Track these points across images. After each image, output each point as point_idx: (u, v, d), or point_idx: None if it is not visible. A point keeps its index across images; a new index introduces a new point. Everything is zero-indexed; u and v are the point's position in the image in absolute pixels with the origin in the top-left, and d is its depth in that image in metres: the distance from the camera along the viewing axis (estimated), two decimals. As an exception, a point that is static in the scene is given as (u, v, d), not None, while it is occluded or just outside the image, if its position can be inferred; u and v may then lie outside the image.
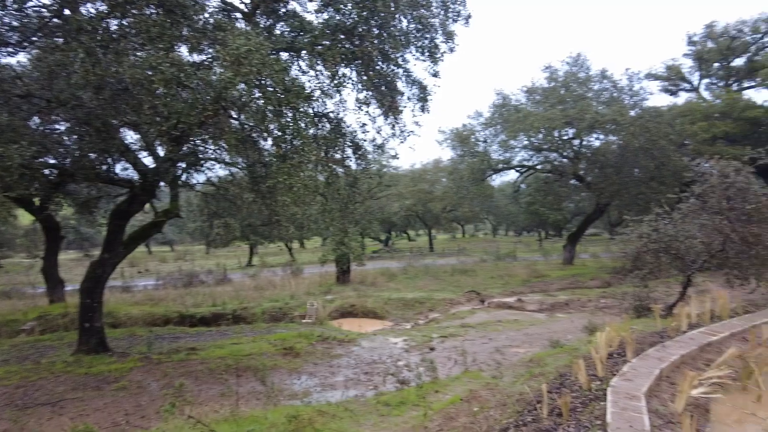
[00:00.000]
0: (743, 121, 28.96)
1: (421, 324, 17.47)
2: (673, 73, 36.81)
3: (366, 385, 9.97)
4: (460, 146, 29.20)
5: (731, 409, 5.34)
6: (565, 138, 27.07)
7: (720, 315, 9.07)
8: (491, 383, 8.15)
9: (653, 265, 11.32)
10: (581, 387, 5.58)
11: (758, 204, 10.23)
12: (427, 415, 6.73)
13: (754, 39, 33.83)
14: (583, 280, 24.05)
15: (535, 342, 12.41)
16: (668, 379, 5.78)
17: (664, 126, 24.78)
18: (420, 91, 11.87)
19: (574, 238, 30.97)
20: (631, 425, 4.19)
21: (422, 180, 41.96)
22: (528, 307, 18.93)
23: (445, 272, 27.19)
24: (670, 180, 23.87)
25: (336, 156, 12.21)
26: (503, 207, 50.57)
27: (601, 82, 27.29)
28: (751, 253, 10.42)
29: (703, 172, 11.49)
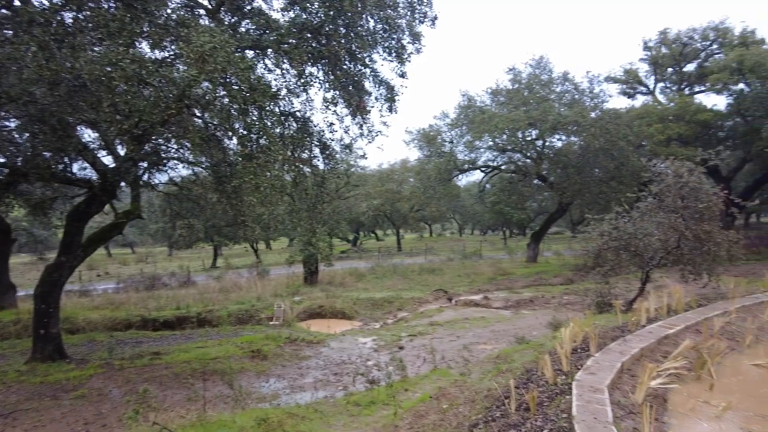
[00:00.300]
0: (695, 123, 30.34)
1: (389, 323, 17.52)
2: (631, 77, 38.20)
3: (335, 385, 9.92)
4: (427, 146, 29.46)
5: (687, 398, 5.59)
6: (528, 139, 27.64)
7: (676, 309, 9.47)
8: (460, 380, 8.26)
9: (614, 262, 11.69)
10: (547, 382, 5.72)
11: (709, 203, 10.72)
12: (397, 414, 6.76)
13: (703, 46, 35.48)
14: (546, 278, 24.62)
15: (501, 338, 12.63)
16: (629, 371, 6.00)
17: (622, 128, 25.66)
18: (387, 92, 11.90)
19: (537, 236, 31.69)
20: (595, 417, 4.33)
21: (390, 180, 42.12)
22: (494, 304, 19.25)
23: (413, 271, 27.36)
24: (629, 180, 24.75)
25: (303, 155, 12.11)
26: (469, 206, 51.36)
27: (563, 85, 28.03)
28: (703, 249, 10.91)
29: (659, 173, 11.94)
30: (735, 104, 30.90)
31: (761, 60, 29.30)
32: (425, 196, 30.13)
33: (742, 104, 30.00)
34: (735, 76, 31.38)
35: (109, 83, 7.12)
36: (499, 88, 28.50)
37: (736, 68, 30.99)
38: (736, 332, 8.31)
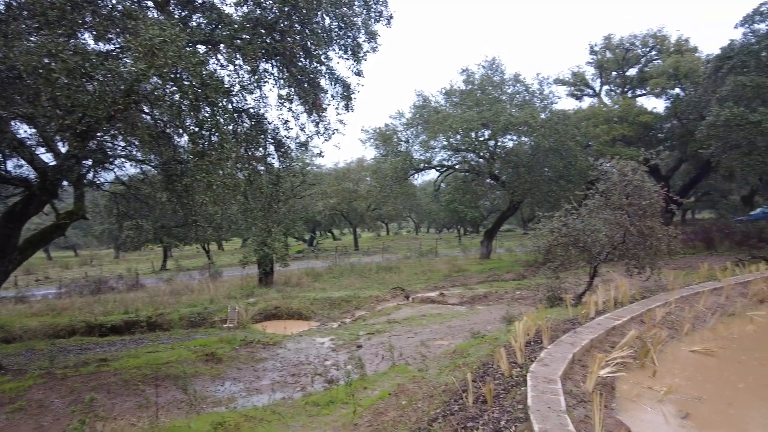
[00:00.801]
0: (637, 125, 31.98)
1: (347, 323, 17.46)
2: (578, 80, 39.78)
3: (293, 386, 9.80)
4: (383, 146, 29.61)
5: (632, 385, 5.89)
6: (481, 139, 28.24)
7: (622, 301, 9.95)
8: (418, 376, 8.35)
9: (563, 257, 12.14)
10: (503, 374, 5.88)
11: (651, 200, 11.32)
12: (356, 413, 6.76)
13: (644, 52, 37.45)
14: (500, 273, 25.23)
15: (457, 334, 12.85)
16: (580, 362, 6.25)
17: (570, 128, 26.67)
18: (344, 90, 11.87)
19: (490, 233, 32.43)
20: (549, 407, 4.49)
21: (346, 179, 42.02)
22: (450, 300, 19.55)
23: (371, 270, 27.39)
24: (577, 178, 25.76)
25: (257, 153, 11.90)
26: (425, 205, 51.93)
27: (514, 86, 28.82)
28: (646, 244, 11.50)
29: (605, 172, 12.48)
30: (672, 107, 32.80)
31: (694, 67, 31.23)
32: (382, 194, 30.25)
33: (678, 108, 31.87)
34: (672, 81, 33.31)
35: (48, 75, 6.73)
36: (453, 89, 29.00)
37: (672, 74, 32.89)
38: (675, 321, 8.83)
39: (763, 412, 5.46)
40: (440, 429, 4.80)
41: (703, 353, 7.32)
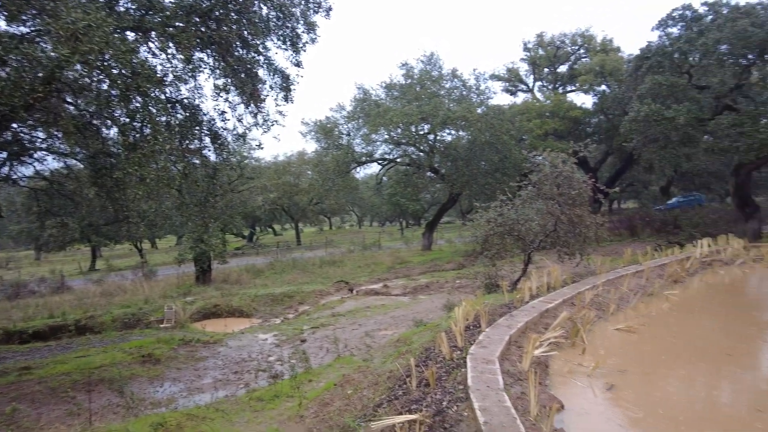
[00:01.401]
0: (568, 119, 33.68)
1: (291, 318, 17.29)
2: (513, 75, 41.23)
3: (236, 384, 9.61)
4: (325, 139, 29.37)
5: (564, 363, 6.28)
6: (421, 133, 28.68)
7: (554, 286, 10.53)
8: (363, 366, 8.44)
9: (499, 246, 12.64)
10: (445, 358, 6.09)
11: (580, 190, 12.02)
12: (302, 405, 6.75)
13: (573, 50, 39.41)
14: (441, 264, 25.84)
15: (401, 323, 13.08)
16: (516, 343, 6.58)
17: (506, 123, 27.63)
18: (283, 81, 11.68)
19: (431, 225, 33.10)
20: (488, 386, 4.71)
21: (287, 172, 41.30)
22: (393, 291, 19.83)
23: (314, 265, 27.21)
24: (512, 171, 26.77)
25: (193, 146, 11.49)
26: (367, 199, 52.17)
27: (452, 81, 29.46)
28: (576, 231, 12.22)
29: (538, 164, 13.12)
30: (599, 103, 34.82)
31: (618, 66, 33.28)
32: (324, 188, 30.04)
33: (604, 103, 33.88)
34: (598, 79, 35.35)
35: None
36: (393, 83, 29.23)
37: (599, 71, 34.90)
38: (602, 302, 9.48)
39: (676, 378, 6.01)
40: (385, 413, 4.92)
41: (626, 330, 7.92)
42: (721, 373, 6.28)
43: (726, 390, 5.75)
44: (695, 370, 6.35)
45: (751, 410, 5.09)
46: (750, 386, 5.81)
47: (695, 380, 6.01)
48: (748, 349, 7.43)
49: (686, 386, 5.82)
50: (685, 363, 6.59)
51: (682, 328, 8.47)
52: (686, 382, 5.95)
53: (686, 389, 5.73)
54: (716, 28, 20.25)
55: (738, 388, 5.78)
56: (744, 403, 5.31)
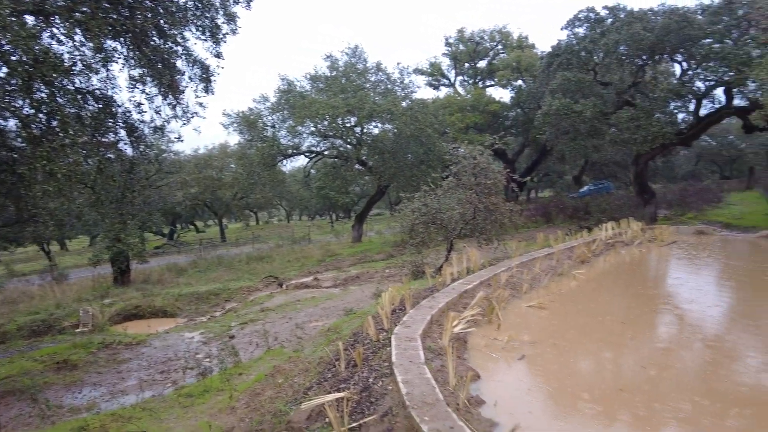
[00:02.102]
0: (487, 113, 35.23)
1: (218, 316, 16.92)
2: (435, 70, 42.35)
3: (163, 383, 9.37)
4: (248, 131, 28.64)
5: (481, 338, 6.81)
6: (348, 125, 28.81)
7: (473, 269, 11.19)
8: (294, 356, 8.56)
9: (424, 234, 13.19)
10: (372, 340, 6.39)
11: (495, 179, 12.80)
12: (233, 397, 6.79)
13: (491, 46, 41.16)
14: (371, 255, 26.25)
15: (332, 314, 13.27)
16: (437, 322, 7.03)
17: (429, 116, 28.43)
18: (203, 71, 11.38)
19: (360, 218, 33.45)
20: (411, 361, 5.05)
21: (208, 166, 39.81)
22: (324, 284, 19.94)
23: (240, 261, 26.64)
24: (436, 163, 27.64)
25: (107, 139, 10.91)
26: (295, 192, 51.50)
27: (376, 74, 29.79)
28: (492, 218, 13.01)
29: (458, 156, 13.77)
30: (516, 98, 36.71)
31: (532, 62, 35.26)
32: (249, 182, 29.36)
33: (520, 98, 35.79)
34: (515, 74, 37.24)
35: None
36: (318, 75, 29.08)
37: (515, 67, 36.77)
38: (516, 283, 10.24)
39: (579, 346, 6.72)
40: (315, 395, 5.12)
41: (538, 307, 8.65)
42: (616, 339, 7.09)
43: (619, 353, 6.52)
44: (595, 338, 7.12)
45: (637, 367, 5.84)
46: (637, 348, 6.63)
47: (595, 347, 6.75)
48: (640, 318, 8.40)
49: (587, 352, 6.53)
50: (587, 333, 7.36)
51: (587, 303, 9.38)
52: (587, 348, 6.67)
53: (587, 355, 6.43)
54: (615, 30, 22.10)
55: (628, 350, 6.58)
56: (631, 362, 6.07)
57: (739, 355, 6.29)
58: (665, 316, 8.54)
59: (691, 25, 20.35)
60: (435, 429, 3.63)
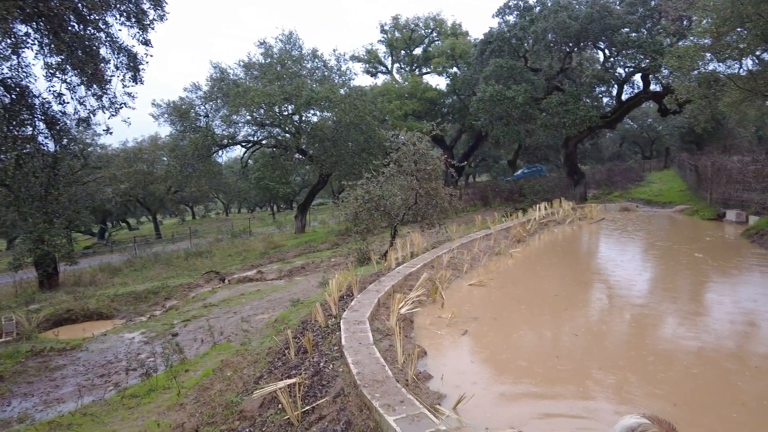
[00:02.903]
0: (425, 100, 35.75)
1: (158, 314, 16.31)
2: (372, 57, 42.36)
3: (104, 387, 8.98)
4: (180, 121, 27.47)
5: (426, 317, 7.06)
6: (285, 114, 28.34)
7: (417, 253, 11.48)
8: (241, 349, 8.48)
9: (368, 221, 13.33)
10: (321, 326, 6.47)
11: (435, 165, 13.12)
12: (180, 393, 6.66)
13: (426, 33, 41.65)
14: (315, 245, 26.14)
15: (278, 306, 13.17)
16: (384, 304, 7.20)
17: (368, 104, 28.50)
18: (129, 60, 10.85)
19: (303, 208, 33.13)
20: (360, 343, 5.18)
21: (139, 159, 37.91)
22: (268, 276, 19.69)
23: (179, 258, 25.72)
24: (377, 150, 27.82)
25: (24, 132, 10.20)
26: (233, 184, 50.09)
27: (313, 61, 29.44)
28: (433, 203, 13.35)
29: (398, 142, 13.97)
30: (452, 85, 37.48)
31: (467, 49, 36.09)
32: (183, 175, 28.25)
33: (456, 85, 36.56)
34: (450, 61, 37.98)
35: None
36: (252, 62, 28.32)
37: (450, 54, 37.49)
38: (457, 263, 10.62)
39: (517, 319, 7.13)
40: (266, 383, 5.14)
41: (478, 285, 9.05)
42: (551, 311, 7.57)
43: (554, 323, 6.98)
44: (532, 311, 7.56)
45: (570, 335, 6.30)
46: (569, 319, 7.13)
47: (532, 319, 7.18)
48: (573, 290, 8.99)
49: (525, 324, 6.93)
50: (524, 307, 7.81)
51: (523, 279, 9.90)
52: (525, 321, 7.09)
53: (525, 327, 6.83)
54: (543, 18, 23.06)
55: (562, 320, 7.05)
56: (565, 331, 6.53)
57: (660, 320, 6.91)
58: (595, 288, 9.20)
59: (611, 15, 21.60)
60: (386, 404, 3.78)
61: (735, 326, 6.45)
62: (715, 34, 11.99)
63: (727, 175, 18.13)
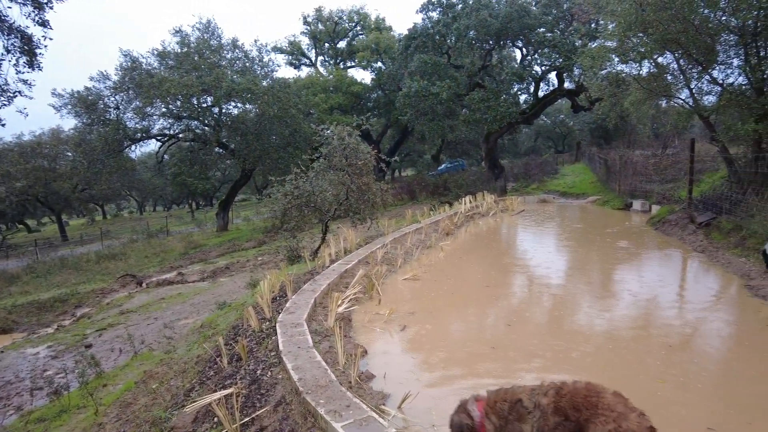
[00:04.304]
0: (350, 94, 35.56)
1: (67, 324, 14.92)
2: (295, 49, 41.43)
3: (3, 412, 8.02)
4: (86, 113, 25.22)
5: (364, 315, 6.97)
6: (204, 106, 26.98)
7: (350, 249, 11.36)
8: (166, 358, 7.93)
9: (298, 218, 12.99)
10: (254, 331, 6.17)
11: (365, 160, 13.03)
12: (99, 412, 6.09)
13: (350, 26, 41.40)
14: (240, 243, 25.21)
15: (203, 309, 12.53)
16: (321, 304, 7.02)
17: (292, 96, 27.81)
18: (24, 43, 9.71)
19: (225, 205, 31.80)
20: (299, 346, 4.99)
21: (38, 155, 34.44)
22: (190, 278, 18.71)
23: (89, 261, 23.72)
24: (303, 144, 27.30)
25: None
26: (148, 180, 47.06)
27: (233, 52, 28.21)
28: (365, 198, 13.27)
29: (327, 137, 13.72)
30: (377, 79, 37.56)
31: (391, 44, 36.29)
32: (91, 171, 25.99)
33: (381, 80, 36.70)
34: (374, 56, 38.01)
35: None
36: (167, 51, 26.62)
37: (375, 49, 37.51)
38: (391, 258, 10.64)
39: (452, 311, 7.25)
40: (198, 396, 4.81)
41: (412, 279, 9.11)
42: (483, 301, 7.78)
43: (485, 312, 7.18)
44: (465, 303, 7.73)
45: (502, 324, 6.50)
46: (500, 307, 7.37)
47: (466, 310, 7.34)
48: (499, 280, 9.31)
49: (459, 316, 7.06)
50: (458, 298, 7.96)
51: (454, 271, 10.11)
52: (460, 313, 7.23)
53: (460, 318, 6.96)
54: (465, 15, 23.67)
55: (493, 309, 7.27)
56: (500, 320, 6.73)
57: (577, 304, 7.35)
58: (520, 277, 9.58)
59: (528, 15, 22.63)
60: (332, 410, 3.65)
61: (641, 304, 7.04)
62: (621, 38, 12.90)
63: (633, 168, 19.72)
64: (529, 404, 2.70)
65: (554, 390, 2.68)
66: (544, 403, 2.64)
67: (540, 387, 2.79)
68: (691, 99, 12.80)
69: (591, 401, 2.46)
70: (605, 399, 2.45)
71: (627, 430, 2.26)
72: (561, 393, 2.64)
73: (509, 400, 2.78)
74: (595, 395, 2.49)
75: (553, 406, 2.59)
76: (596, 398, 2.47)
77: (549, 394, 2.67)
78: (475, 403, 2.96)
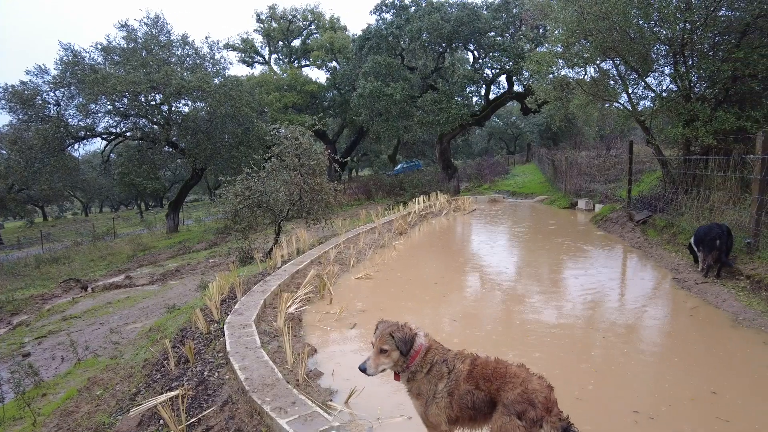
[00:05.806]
0: (305, 93, 35.30)
1: (2, 333, 14.14)
2: (248, 47, 40.76)
3: (-71, 426, 7.57)
4: (23, 109, 23.92)
5: (315, 314, 7.05)
6: (152, 103, 26.16)
7: (303, 249, 11.39)
8: (111, 364, 7.71)
9: (250, 219, 12.87)
10: (202, 333, 6.13)
11: (318, 160, 13.06)
12: (37, 423, 5.87)
13: (305, 25, 41.12)
14: (191, 245, 24.59)
15: (152, 313, 12.19)
16: (271, 305, 7.04)
17: (245, 95, 27.36)
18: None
19: (175, 205, 30.93)
20: (246, 347, 5.02)
21: (-33, 155, 32.28)
22: (138, 282, 18.10)
23: (28, 266, 22.53)
24: (256, 144, 26.91)
25: None
26: (93, 180, 45.02)
27: (183, 48, 27.48)
28: (318, 199, 13.30)
29: (280, 136, 13.65)
30: (332, 79, 37.48)
31: (345, 44, 36.32)
32: (29, 171, 24.66)
33: (336, 79, 36.66)
34: (329, 55, 37.90)
35: None
36: (112, 46, 25.63)
37: (329, 48, 37.40)
38: (344, 258, 10.74)
39: (403, 309, 7.43)
40: (144, 398, 4.75)
41: (365, 278, 9.25)
42: (433, 298, 8.02)
43: (436, 310, 7.41)
44: (416, 300, 7.94)
45: (452, 322, 6.74)
46: (451, 304, 7.62)
47: (416, 307, 7.54)
48: (451, 278, 9.59)
49: (410, 313, 7.25)
50: (409, 296, 8.16)
51: (406, 270, 10.32)
52: (410, 309, 7.42)
53: (410, 315, 7.14)
54: (418, 18, 24.07)
55: (443, 306, 7.51)
56: (447, 317, 6.97)
57: (526, 298, 7.69)
58: (471, 274, 9.90)
59: (479, 19, 23.25)
60: (277, 407, 3.73)
61: (583, 298, 7.46)
62: (565, 44, 13.54)
63: (578, 169, 20.64)
64: (449, 366, 3.04)
65: (470, 360, 3.07)
66: (459, 368, 3.02)
67: (460, 354, 3.17)
68: (629, 103, 13.58)
69: (500, 372, 2.86)
70: (511, 369, 2.87)
71: (532, 390, 2.66)
72: (475, 363, 3.01)
73: (440, 356, 3.13)
74: (504, 367, 2.90)
75: (467, 372, 2.97)
76: (504, 369, 2.88)
77: (465, 362, 3.05)
78: (424, 337, 3.27)
